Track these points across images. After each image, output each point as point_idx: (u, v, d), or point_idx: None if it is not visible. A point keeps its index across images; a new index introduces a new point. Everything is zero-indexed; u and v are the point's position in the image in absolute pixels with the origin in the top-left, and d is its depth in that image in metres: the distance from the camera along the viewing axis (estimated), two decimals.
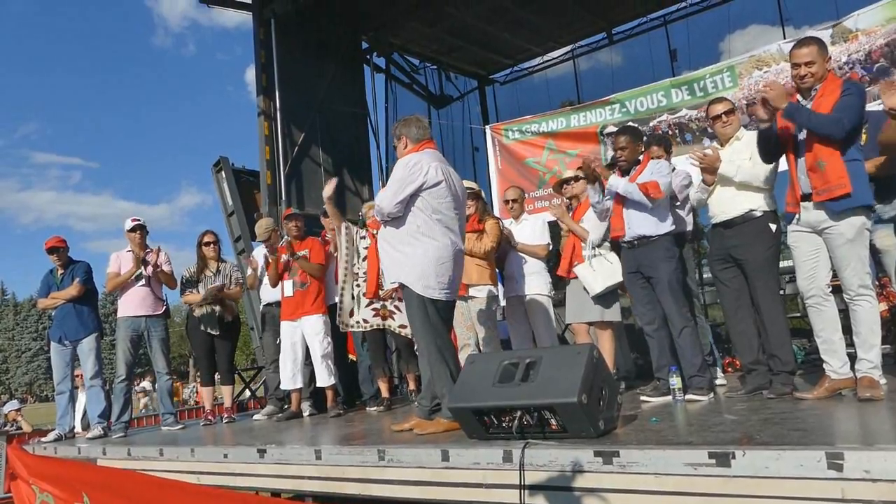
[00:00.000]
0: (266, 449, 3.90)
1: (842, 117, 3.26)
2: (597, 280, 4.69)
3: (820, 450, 2.18)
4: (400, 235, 3.83)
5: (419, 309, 3.80)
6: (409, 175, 3.77)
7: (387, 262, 3.94)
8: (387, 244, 3.90)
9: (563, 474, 2.70)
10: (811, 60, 3.41)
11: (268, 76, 8.96)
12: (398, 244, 3.84)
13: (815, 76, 3.42)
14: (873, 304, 3.40)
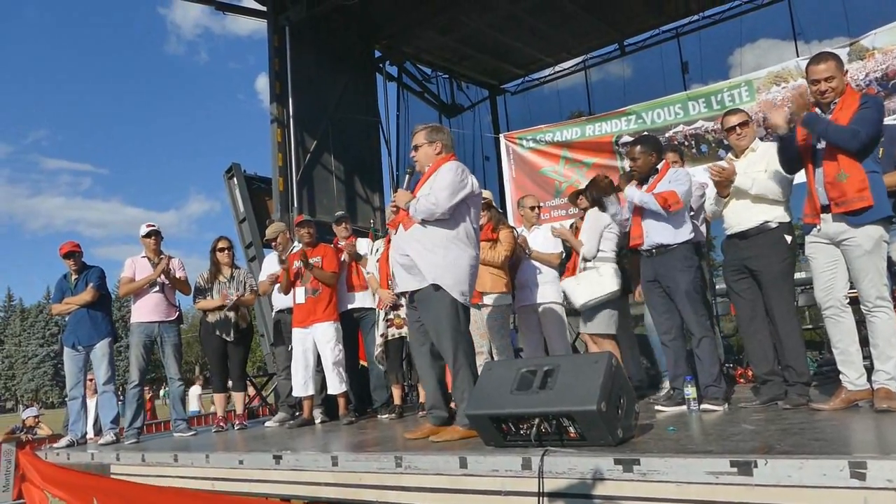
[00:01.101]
0: (282, 455, 3.91)
1: (859, 130, 3.28)
2: (579, 294, 4.75)
3: (843, 459, 2.19)
4: (438, 238, 3.83)
5: (452, 313, 3.81)
6: (462, 180, 3.84)
7: (420, 262, 3.84)
8: (419, 245, 3.85)
9: (583, 482, 2.71)
10: (831, 76, 3.44)
11: (281, 83, 9.04)
12: (434, 246, 3.83)
13: (836, 91, 3.45)
14: (891, 315, 3.40)
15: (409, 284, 3.95)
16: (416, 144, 4.07)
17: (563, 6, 9.47)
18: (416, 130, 4.12)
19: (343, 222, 6.43)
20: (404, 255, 3.92)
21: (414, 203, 3.87)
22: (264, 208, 9.42)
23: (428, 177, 4.00)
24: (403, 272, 3.96)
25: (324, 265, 5.86)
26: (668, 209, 4.05)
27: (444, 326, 3.83)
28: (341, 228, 6.42)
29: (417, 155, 4.07)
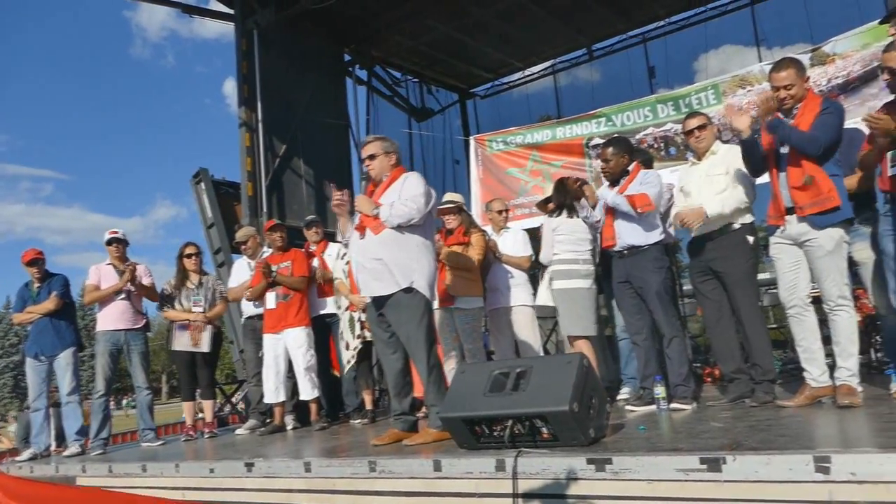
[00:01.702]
0: (254, 462, 3.88)
1: (819, 135, 3.38)
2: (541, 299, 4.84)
3: (808, 454, 2.25)
4: (412, 243, 3.93)
5: (426, 315, 3.92)
6: (428, 189, 3.97)
7: (394, 266, 3.88)
8: (393, 249, 3.90)
9: (556, 482, 2.74)
10: (790, 83, 3.53)
11: (249, 87, 8.94)
12: (408, 251, 3.92)
13: (795, 98, 3.55)
14: (851, 314, 3.50)
15: (376, 289, 3.95)
16: (372, 154, 4.09)
17: (532, 12, 9.54)
18: (370, 140, 4.17)
19: (314, 226, 6.40)
20: (375, 260, 3.92)
21: (387, 209, 3.89)
22: (233, 213, 9.30)
23: (388, 186, 4.06)
24: (370, 277, 3.95)
25: (294, 269, 5.82)
26: (640, 211, 4.11)
27: (417, 328, 3.89)
28: (312, 233, 6.38)
29: (373, 164, 4.09)
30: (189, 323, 6.05)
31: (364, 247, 3.97)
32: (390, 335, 4.03)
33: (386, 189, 4.05)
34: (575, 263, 4.75)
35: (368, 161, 4.09)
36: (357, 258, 4.03)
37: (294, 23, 9.19)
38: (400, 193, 3.95)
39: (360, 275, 3.99)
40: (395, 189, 4.01)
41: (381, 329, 4.06)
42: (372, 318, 4.12)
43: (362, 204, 3.99)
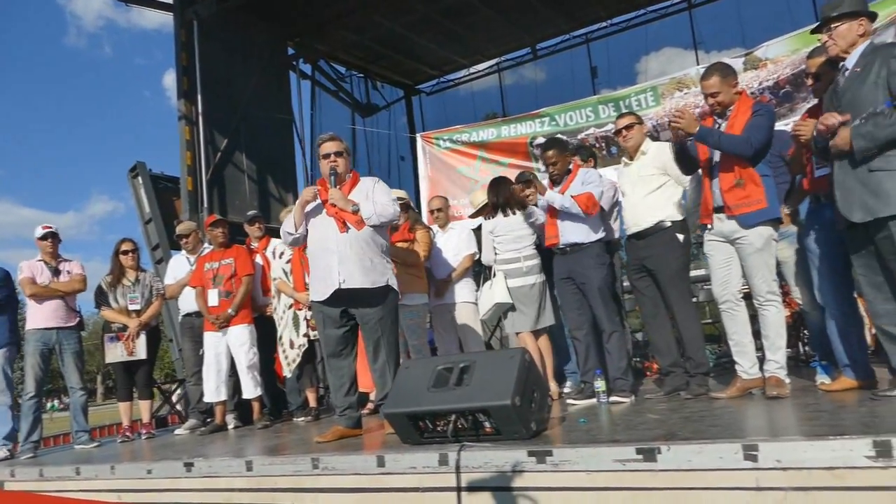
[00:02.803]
0: (193, 462, 3.80)
1: (750, 137, 3.52)
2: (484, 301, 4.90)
3: (737, 443, 2.35)
4: (381, 244, 4.09)
5: (396, 313, 4.15)
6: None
7: (376, 262, 4.00)
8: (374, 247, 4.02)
9: (499, 475, 2.78)
10: (716, 91, 3.67)
11: (189, 79, 8.71)
12: (382, 251, 4.09)
13: (722, 104, 3.69)
14: (780, 309, 3.66)
15: (360, 282, 3.94)
16: (339, 151, 4.09)
17: (478, 10, 9.59)
18: (333, 138, 4.16)
19: (256, 222, 6.30)
20: (361, 254, 3.95)
21: (370, 208, 3.96)
22: (172, 209, 9.05)
23: (351, 187, 4.10)
24: (355, 270, 3.92)
25: (237, 267, 5.71)
26: (590, 213, 4.20)
27: (392, 325, 4.07)
28: (254, 228, 6.28)
29: (340, 162, 4.08)
30: (120, 333, 5.86)
31: (349, 241, 3.96)
32: (347, 330, 4.06)
33: (350, 190, 4.08)
34: (516, 262, 4.79)
35: (335, 157, 4.07)
36: (338, 250, 3.96)
37: (236, 14, 8.99)
38: (370, 196, 4.02)
39: (343, 266, 3.92)
40: (360, 191, 4.07)
41: (336, 325, 4.04)
42: (328, 314, 4.05)
43: (339, 199, 3.97)
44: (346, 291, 3.93)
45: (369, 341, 4.03)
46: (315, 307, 4.15)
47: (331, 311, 4.03)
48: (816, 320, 3.88)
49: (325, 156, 4.09)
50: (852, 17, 3.09)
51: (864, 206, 2.96)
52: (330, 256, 3.97)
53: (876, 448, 2.13)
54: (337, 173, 4.05)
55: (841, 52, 3.14)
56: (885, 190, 2.90)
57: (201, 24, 8.74)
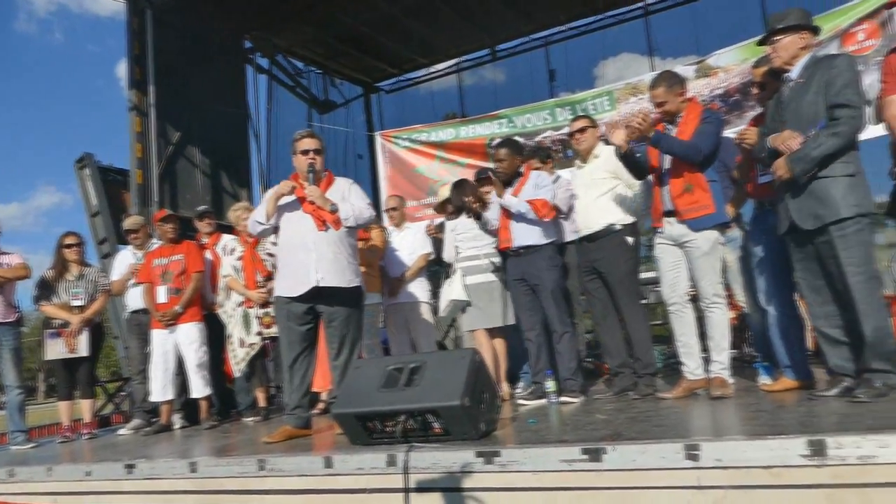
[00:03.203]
0: (135, 464, 3.70)
1: (698, 143, 3.60)
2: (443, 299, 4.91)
3: (679, 442, 2.39)
4: (350, 246, 4.12)
5: (362, 315, 4.19)
6: None
7: (349, 263, 4.04)
8: (348, 248, 4.07)
9: (447, 476, 2.77)
10: (662, 101, 3.78)
11: (141, 69, 8.46)
12: (354, 251, 4.13)
13: (669, 112, 3.79)
14: (725, 311, 3.75)
15: (338, 280, 3.95)
16: (318, 149, 4.07)
17: (438, 9, 9.57)
18: (314, 135, 4.16)
19: (206, 217, 6.18)
20: (337, 253, 3.96)
21: (349, 209, 3.97)
22: (120, 202, 8.78)
23: (328, 186, 4.08)
24: (331, 268, 3.93)
25: (187, 263, 5.59)
26: (545, 218, 4.22)
27: (358, 325, 4.11)
28: (204, 224, 6.17)
29: (319, 160, 4.06)
30: (61, 329, 5.67)
31: (326, 239, 3.96)
32: (311, 328, 4.05)
33: (325, 189, 4.05)
34: (477, 259, 4.81)
35: (314, 155, 4.04)
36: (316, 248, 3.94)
37: (191, 4, 8.79)
38: (346, 197, 4.04)
39: (321, 264, 3.92)
40: (336, 191, 4.06)
41: (300, 322, 4.02)
42: (294, 311, 4.00)
43: (318, 197, 3.95)
44: (320, 289, 3.92)
45: (334, 338, 4.02)
46: (280, 302, 4.08)
47: (298, 307, 3.99)
48: (758, 322, 3.98)
49: (303, 152, 4.05)
50: (795, 31, 3.19)
51: (815, 215, 3.05)
52: (306, 253, 3.94)
53: (811, 447, 2.20)
54: (315, 171, 4.02)
55: (783, 64, 3.24)
56: (831, 196, 3.00)
57: (155, 13, 8.52)
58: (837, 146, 2.96)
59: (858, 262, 2.96)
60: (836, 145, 2.96)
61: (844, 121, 2.95)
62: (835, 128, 2.96)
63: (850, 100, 2.96)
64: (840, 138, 2.95)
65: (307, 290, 3.92)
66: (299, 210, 4.01)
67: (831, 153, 2.96)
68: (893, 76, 3.08)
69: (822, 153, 2.97)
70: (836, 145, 2.96)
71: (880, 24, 6.26)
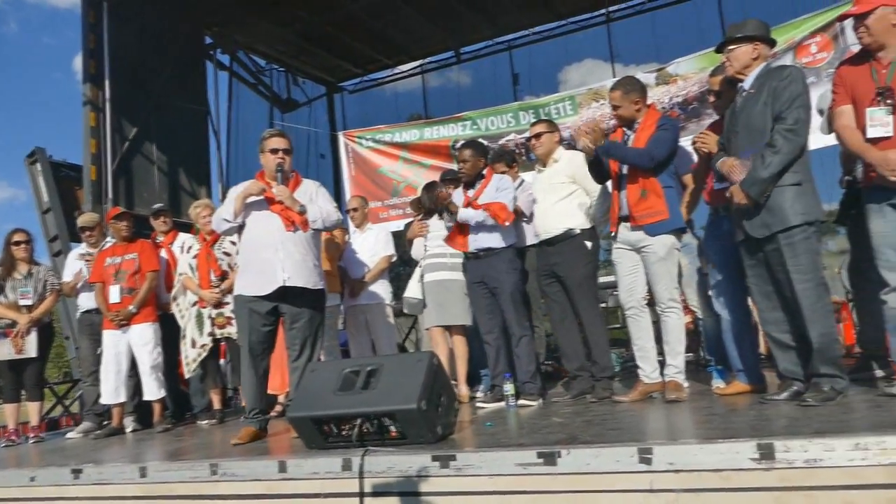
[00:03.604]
0: (82, 469, 3.59)
1: (651, 150, 3.66)
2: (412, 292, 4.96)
3: (633, 446, 2.41)
4: (316, 248, 4.12)
5: (322, 317, 4.12)
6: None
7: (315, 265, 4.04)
8: (314, 249, 4.07)
9: (403, 480, 2.75)
10: (617, 105, 3.85)
11: (97, 63, 8.24)
12: (316, 253, 4.11)
13: (622, 117, 3.86)
14: (680, 315, 3.81)
15: (305, 281, 3.93)
16: (288, 149, 4.05)
17: (402, 10, 9.53)
18: (283, 134, 4.15)
19: (162, 215, 6.05)
20: (304, 254, 3.95)
21: (317, 211, 3.97)
22: (73, 199, 8.54)
23: (295, 187, 4.07)
24: (298, 269, 3.91)
25: (142, 262, 5.45)
26: (504, 222, 4.23)
27: (320, 327, 4.10)
28: (160, 222, 6.04)
29: (288, 160, 4.04)
30: (8, 329, 5.49)
31: (294, 239, 3.94)
32: (272, 329, 4.03)
33: (293, 190, 4.02)
34: (443, 257, 4.82)
35: (284, 154, 4.01)
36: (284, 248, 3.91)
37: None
38: (314, 199, 4.05)
39: (288, 263, 3.90)
40: (303, 193, 4.05)
41: (263, 323, 3.98)
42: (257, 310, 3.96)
43: (288, 198, 3.93)
44: (285, 290, 3.89)
45: (296, 340, 3.99)
46: (242, 301, 4.03)
47: (261, 307, 3.96)
48: (712, 327, 4.05)
49: (272, 151, 4.01)
50: (749, 41, 3.27)
51: (764, 223, 3.12)
52: (273, 253, 3.90)
53: (760, 450, 2.24)
54: (284, 170, 3.99)
55: (736, 73, 3.32)
56: (778, 205, 3.07)
57: (111, 6, 8.31)
58: (784, 161, 3.04)
59: (806, 269, 3.03)
60: (783, 161, 3.03)
61: (782, 137, 3.03)
62: (773, 147, 3.04)
63: (787, 114, 3.05)
64: (781, 155, 3.03)
65: (274, 290, 3.89)
66: (266, 209, 3.98)
67: (781, 168, 3.04)
68: (844, 88, 3.16)
69: (772, 172, 3.04)
70: (783, 161, 3.03)
71: (832, 38, 6.46)
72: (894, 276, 3.00)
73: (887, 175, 2.91)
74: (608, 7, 9.48)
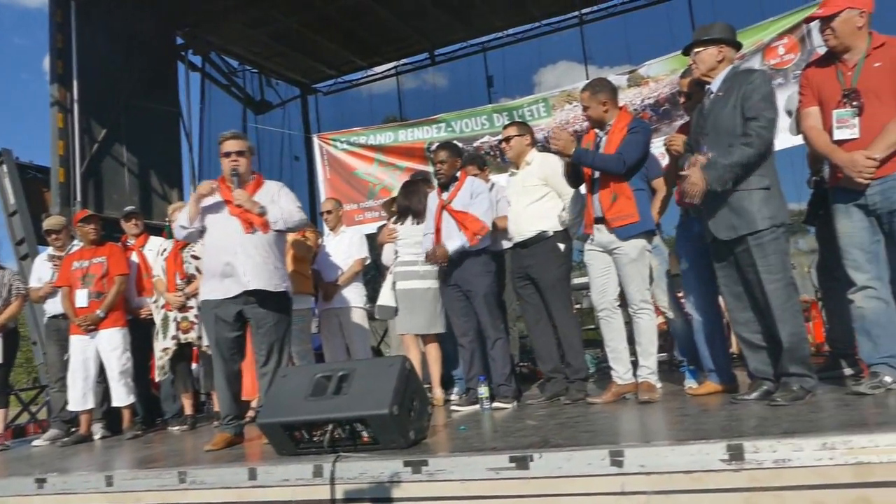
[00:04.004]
0: (46, 478, 3.50)
1: (622, 155, 3.68)
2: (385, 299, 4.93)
3: (604, 449, 2.40)
4: (279, 251, 4.04)
5: (291, 322, 4.08)
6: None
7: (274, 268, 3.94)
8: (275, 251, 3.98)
9: (375, 486, 2.72)
10: (586, 105, 3.87)
11: (65, 63, 8.09)
12: (282, 256, 4.07)
13: (590, 118, 3.88)
14: (652, 317, 3.83)
15: (266, 284, 3.87)
16: (241, 150, 3.98)
17: (376, 12, 9.48)
18: (237, 136, 4.07)
19: (133, 218, 5.95)
20: (264, 257, 3.88)
21: (277, 212, 3.90)
22: (41, 201, 8.37)
23: (256, 189, 4.00)
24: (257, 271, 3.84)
25: (110, 266, 5.35)
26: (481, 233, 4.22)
27: (286, 331, 4.03)
28: (131, 225, 5.93)
29: (242, 161, 3.97)
30: None
31: (254, 242, 3.87)
32: (240, 334, 3.97)
33: (254, 192, 3.97)
34: (413, 265, 4.77)
35: (237, 157, 3.95)
36: (243, 251, 3.85)
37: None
38: (276, 200, 3.97)
39: (248, 266, 3.83)
40: (265, 194, 4.00)
41: (230, 328, 3.92)
42: (222, 316, 3.90)
43: (246, 200, 3.87)
44: (248, 293, 3.84)
45: (263, 345, 3.93)
46: (208, 307, 3.97)
47: (226, 312, 3.90)
48: (681, 328, 4.08)
49: (226, 154, 3.95)
50: (715, 44, 3.29)
51: (730, 226, 3.14)
52: (233, 256, 3.85)
53: (730, 451, 2.24)
54: (238, 174, 3.93)
55: (702, 75, 3.35)
56: (745, 208, 3.09)
57: (80, 6, 8.17)
58: (749, 156, 3.05)
59: (775, 269, 3.06)
60: (748, 155, 3.04)
61: (756, 133, 3.05)
62: (747, 139, 3.06)
63: (763, 114, 3.07)
64: (752, 148, 3.04)
65: (236, 294, 3.84)
66: (225, 212, 3.92)
67: (744, 163, 3.05)
68: (810, 90, 3.19)
69: (734, 161, 3.04)
70: (748, 155, 3.04)
71: (799, 40, 6.56)
72: (861, 276, 3.04)
73: (854, 177, 2.94)
74: (581, 10, 9.53)
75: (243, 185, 3.95)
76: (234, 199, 3.88)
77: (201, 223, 3.97)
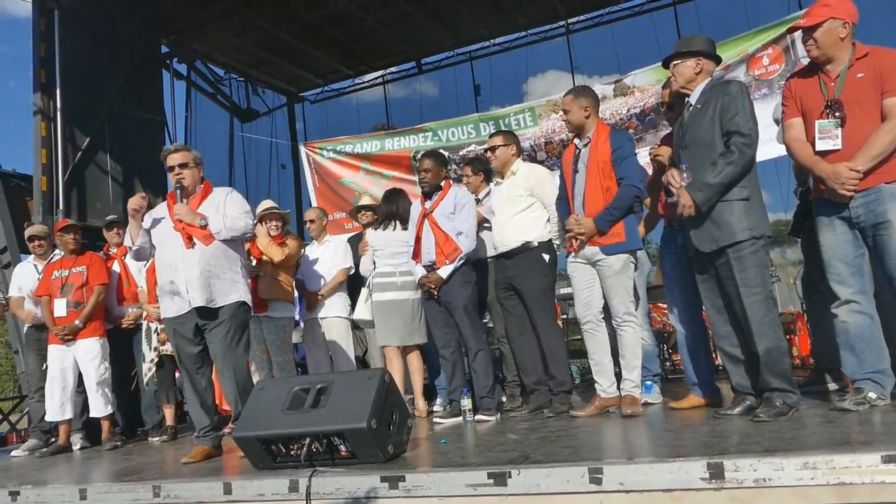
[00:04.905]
0: (20, 491, 3.44)
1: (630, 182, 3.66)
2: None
3: (584, 465, 2.36)
4: (234, 258, 3.95)
5: (246, 330, 3.99)
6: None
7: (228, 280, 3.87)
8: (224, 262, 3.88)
9: (350, 502, 2.68)
10: (567, 109, 3.88)
11: (48, 72, 8.01)
12: (234, 265, 3.94)
13: (571, 122, 3.88)
14: (636, 329, 3.80)
15: (207, 300, 3.80)
16: (184, 163, 3.94)
17: (362, 20, 9.45)
18: (180, 149, 4.04)
19: (115, 227, 5.88)
20: (208, 271, 3.80)
21: (220, 221, 3.83)
22: (24, 210, 8.29)
23: (202, 199, 3.96)
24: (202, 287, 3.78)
25: (90, 276, 5.28)
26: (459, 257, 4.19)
27: (241, 343, 3.92)
28: (113, 234, 5.88)
29: (185, 173, 3.93)
30: None
31: (194, 257, 3.80)
32: (201, 349, 3.91)
33: (200, 202, 3.93)
34: (392, 276, 4.72)
35: (180, 170, 3.91)
36: (184, 267, 3.80)
37: (104, 6, 8.41)
38: (221, 208, 3.90)
39: (190, 284, 3.77)
40: (211, 203, 3.94)
41: (191, 343, 3.89)
42: (180, 332, 3.88)
43: (186, 214, 3.82)
44: (196, 308, 3.80)
45: (216, 356, 3.90)
46: (167, 323, 3.99)
47: (184, 328, 3.88)
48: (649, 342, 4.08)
49: (170, 168, 3.92)
50: (692, 56, 3.29)
51: (712, 238, 3.12)
52: (176, 273, 3.82)
53: (710, 470, 2.21)
54: (183, 187, 3.91)
55: (681, 88, 3.35)
56: (725, 220, 3.07)
57: (63, 14, 8.10)
58: (736, 173, 3.04)
59: (753, 283, 3.03)
60: (734, 172, 3.04)
61: (739, 150, 3.04)
62: (730, 157, 3.04)
63: (743, 128, 3.06)
64: (735, 166, 3.04)
65: (185, 311, 3.82)
66: (170, 228, 3.89)
67: (728, 182, 3.04)
68: (793, 101, 3.18)
69: (722, 181, 3.04)
70: (734, 172, 3.04)
71: (784, 50, 6.58)
72: (844, 290, 3.02)
73: (837, 188, 2.93)
74: (567, 19, 9.54)
75: (189, 196, 3.93)
76: (174, 214, 3.85)
77: (149, 241, 3.96)
